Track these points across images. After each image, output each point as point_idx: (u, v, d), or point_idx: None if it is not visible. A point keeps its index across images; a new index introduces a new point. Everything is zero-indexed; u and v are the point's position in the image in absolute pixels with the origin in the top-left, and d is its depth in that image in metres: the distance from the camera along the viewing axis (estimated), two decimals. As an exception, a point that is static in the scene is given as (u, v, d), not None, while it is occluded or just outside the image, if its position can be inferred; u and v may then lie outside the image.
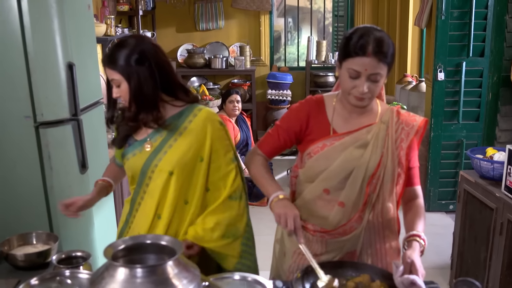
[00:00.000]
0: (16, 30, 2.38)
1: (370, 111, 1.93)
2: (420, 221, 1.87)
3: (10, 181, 2.51)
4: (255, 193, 5.20)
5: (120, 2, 5.78)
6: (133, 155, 2.01)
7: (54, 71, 2.48)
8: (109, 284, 1.52)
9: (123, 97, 1.94)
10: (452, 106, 4.60)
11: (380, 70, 1.76)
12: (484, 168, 3.06)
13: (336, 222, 1.91)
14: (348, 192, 1.88)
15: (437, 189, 4.79)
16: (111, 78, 1.92)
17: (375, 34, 1.75)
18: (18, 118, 2.45)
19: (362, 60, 1.74)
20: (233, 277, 1.82)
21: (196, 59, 6.66)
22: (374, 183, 1.88)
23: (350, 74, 1.78)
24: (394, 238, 2.00)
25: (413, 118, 1.91)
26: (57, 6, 2.48)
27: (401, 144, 1.87)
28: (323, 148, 1.90)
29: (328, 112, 1.95)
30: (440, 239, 4.18)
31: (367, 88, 1.77)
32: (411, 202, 1.95)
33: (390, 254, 1.98)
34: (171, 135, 1.98)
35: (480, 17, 4.42)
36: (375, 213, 1.92)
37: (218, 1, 6.89)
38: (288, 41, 7.91)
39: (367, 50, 1.73)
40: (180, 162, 1.96)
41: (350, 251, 1.96)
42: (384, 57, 1.74)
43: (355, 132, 1.89)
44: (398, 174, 1.89)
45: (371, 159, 1.86)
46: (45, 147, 2.50)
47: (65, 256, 2.01)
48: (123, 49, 1.89)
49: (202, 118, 1.99)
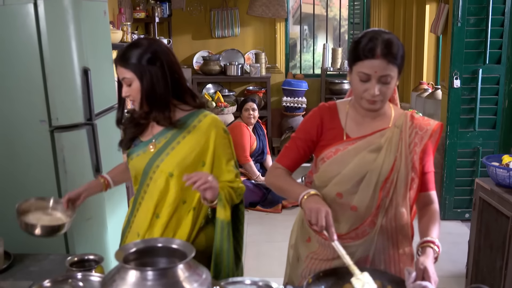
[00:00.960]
0: (33, 35, 2.42)
1: (384, 115, 1.92)
2: (434, 227, 1.85)
3: (25, 184, 2.53)
4: (269, 199, 5.19)
5: (136, 9, 5.84)
6: (137, 155, 2.04)
7: (69, 76, 2.52)
8: (120, 286, 1.53)
9: (132, 96, 1.96)
10: (468, 113, 4.56)
11: (390, 72, 1.75)
12: (500, 175, 3.03)
13: (349, 226, 1.90)
14: (361, 196, 1.87)
15: (452, 197, 4.73)
16: (123, 76, 1.94)
17: (383, 37, 1.76)
18: (33, 122, 2.48)
19: (372, 63, 1.74)
20: (244, 281, 1.82)
21: (212, 66, 6.69)
22: (387, 188, 1.86)
23: (361, 77, 1.78)
24: (408, 244, 1.97)
25: (427, 122, 1.90)
26: (73, 12, 2.52)
27: (415, 148, 1.86)
28: (336, 152, 1.89)
29: (341, 117, 1.95)
30: (455, 247, 4.13)
31: (378, 91, 1.77)
32: (426, 207, 1.93)
33: (404, 260, 1.96)
34: (175, 137, 2.00)
35: (496, 24, 4.38)
36: (388, 218, 1.90)
37: (234, 9, 6.92)
38: (304, 48, 7.90)
39: (376, 53, 1.73)
40: (181, 164, 1.98)
41: (363, 256, 1.94)
42: (393, 59, 1.74)
43: (369, 136, 1.88)
44: (412, 178, 1.87)
45: (385, 163, 1.85)
46: (60, 151, 2.52)
47: (77, 259, 2.02)
48: (136, 49, 1.92)
49: (207, 124, 2.01)
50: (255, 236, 4.55)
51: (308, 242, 2.03)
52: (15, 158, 2.49)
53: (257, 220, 4.94)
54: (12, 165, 2.51)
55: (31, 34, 2.41)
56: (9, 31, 2.43)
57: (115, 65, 1.96)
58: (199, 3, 6.90)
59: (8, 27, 2.42)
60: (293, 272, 2.12)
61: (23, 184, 2.54)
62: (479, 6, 4.36)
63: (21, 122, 2.47)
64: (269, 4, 6.78)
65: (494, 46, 4.42)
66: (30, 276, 2.03)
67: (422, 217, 1.92)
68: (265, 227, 4.77)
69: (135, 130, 2.07)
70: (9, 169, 2.52)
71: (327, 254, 1.96)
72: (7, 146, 2.51)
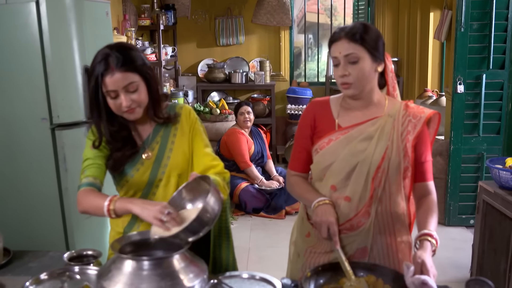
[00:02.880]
0: (35, 33, 2.44)
1: (377, 105, 1.93)
2: (432, 219, 1.84)
3: (26, 182, 2.54)
4: (273, 206, 5.18)
5: (141, 17, 5.87)
6: (137, 171, 1.95)
7: (70, 74, 2.53)
8: (116, 276, 1.53)
9: (138, 103, 1.84)
10: (472, 119, 4.54)
11: (354, 50, 1.80)
12: (503, 178, 3.01)
13: (343, 217, 1.90)
14: (354, 186, 1.87)
15: (457, 203, 4.70)
16: (128, 82, 1.79)
17: (354, 24, 1.84)
18: (34, 120, 2.49)
19: (336, 46, 1.83)
20: (241, 275, 1.81)
21: (216, 74, 6.70)
22: (379, 177, 1.86)
23: (333, 63, 1.86)
24: (405, 232, 1.96)
25: (421, 110, 1.90)
26: (75, 11, 2.54)
27: (407, 136, 1.86)
28: (329, 143, 1.91)
29: (333, 109, 1.98)
30: (460, 253, 4.10)
31: (346, 71, 1.81)
32: (423, 198, 1.92)
33: (402, 250, 1.95)
34: (166, 138, 1.97)
35: (500, 29, 4.38)
36: (383, 208, 1.90)
37: (239, 17, 6.95)
38: (309, 57, 7.91)
39: (339, 36, 1.82)
40: (185, 162, 1.97)
41: (360, 247, 1.93)
42: (355, 37, 1.79)
43: (361, 125, 1.90)
44: (405, 167, 1.87)
45: (376, 152, 1.86)
46: (61, 149, 2.53)
47: (76, 254, 2.02)
48: (132, 51, 1.83)
49: (186, 114, 2.01)
50: (258, 241, 4.54)
51: (308, 237, 2.03)
52: (16, 155, 2.50)
53: (260, 226, 4.92)
54: (13, 163, 2.52)
55: (33, 32, 2.43)
56: (11, 29, 2.45)
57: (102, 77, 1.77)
58: (204, 11, 6.94)
59: (10, 26, 2.45)
60: (294, 268, 2.12)
61: (24, 182, 2.55)
62: (482, 12, 4.36)
63: (23, 119, 2.48)
64: (273, 12, 6.80)
65: (497, 51, 4.41)
66: (29, 271, 2.03)
67: (419, 209, 1.92)
68: (268, 232, 4.75)
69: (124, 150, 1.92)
70: (10, 166, 2.53)
71: (325, 247, 1.95)
72: (8, 144, 2.52)
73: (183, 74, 6.98)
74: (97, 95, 1.82)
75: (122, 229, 2.02)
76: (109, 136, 1.90)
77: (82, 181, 1.87)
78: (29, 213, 2.55)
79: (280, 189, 5.22)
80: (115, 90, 1.79)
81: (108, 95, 1.81)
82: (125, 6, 5.42)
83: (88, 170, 1.89)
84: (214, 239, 2.03)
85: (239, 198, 5.18)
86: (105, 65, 1.78)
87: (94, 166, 1.89)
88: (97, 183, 1.87)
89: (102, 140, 1.90)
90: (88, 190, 1.84)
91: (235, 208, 5.25)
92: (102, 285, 1.52)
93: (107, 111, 1.86)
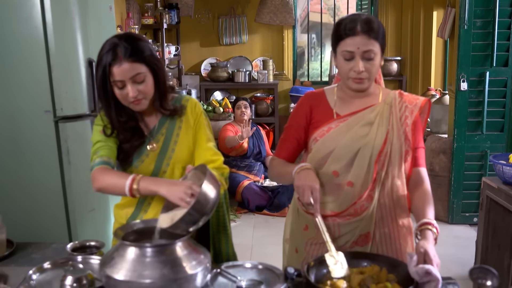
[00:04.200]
0: (39, 26, 2.44)
1: (372, 94, 1.96)
2: (429, 207, 1.85)
3: (29, 174, 2.54)
4: (275, 204, 5.17)
5: (145, 16, 5.88)
6: (142, 162, 1.95)
7: (74, 67, 2.54)
8: (119, 263, 1.53)
9: (144, 94, 1.84)
10: (476, 116, 4.53)
11: (372, 47, 1.81)
12: (507, 173, 3.00)
13: (347, 203, 1.90)
14: (356, 171, 1.88)
15: (460, 201, 4.69)
16: (135, 73, 1.78)
17: (362, 16, 1.83)
18: (38, 112, 2.50)
19: (353, 40, 1.80)
20: (244, 264, 1.80)
21: (220, 73, 6.71)
22: (382, 160, 1.89)
23: (345, 56, 1.83)
24: (405, 216, 1.97)
25: (415, 97, 1.97)
26: (79, 5, 2.55)
27: (406, 121, 1.91)
28: (328, 131, 1.92)
29: (330, 99, 1.99)
30: (463, 251, 4.09)
31: (363, 67, 1.81)
32: (417, 187, 1.93)
33: (403, 234, 1.96)
34: (172, 130, 1.97)
35: (503, 27, 4.37)
36: (385, 191, 1.91)
37: (242, 16, 6.96)
38: (312, 57, 7.91)
39: (357, 29, 1.80)
40: (190, 152, 1.98)
41: (363, 233, 1.93)
42: (374, 33, 1.80)
43: (359, 112, 1.92)
44: (406, 151, 1.91)
45: (377, 137, 1.88)
46: (64, 141, 2.54)
47: (79, 245, 2.02)
48: (140, 41, 1.83)
49: (192, 107, 2.01)
50: (261, 239, 4.53)
51: (306, 230, 2.02)
52: (20, 148, 2.51)
53: (263, 224, 4.92)
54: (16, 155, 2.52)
55: (37, 25, 2.44)
56: (15, 22, 2.46)
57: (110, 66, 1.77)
58: (207, 10, 6.96)
59: (14, 19, 2.45)
60: (292, 263, 2.10)
61: (27, 174, 2.55)
62: (485, 9, 4.35)
63: (26, 112, 2.49)
64: (276, 11, 6.82)
65: (501, 48, 4.40)
66: (32, 262, 2.03)
67: (414, 196, 1.92)
68: (271, 230, 4.74)
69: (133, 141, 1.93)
70: (14, 159, 2.54)
71: None
72: (12, 136, 2.52)
73: (186, 73, 6.99)
74: (105, 85, 1.82)
75: (125, 220, 2.01)
76: (118, 126, 1.89)
77: (95, 160, 1.84)
78: (33, 206, 2.56)
79: (283, 186, 5.22)
80: (122, 80, 1.79)
81: (115, 85, 1.80)
82: (128, 4, 5.44)
83: (102, 150, 1.87)
84: (213, 235, 2.04)
85: (242, 196, 5.19)
86: (113, 55, 1.77)
87: (106, 148, 1.87)
88: (111, 162, 1.86)
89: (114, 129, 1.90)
90: (104, 168, 1.81)
91: (238, 206, 5.25)
92: (105, 272, 1.52)
93: (115, 102, 1.86)
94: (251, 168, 5.50)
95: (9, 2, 2.44)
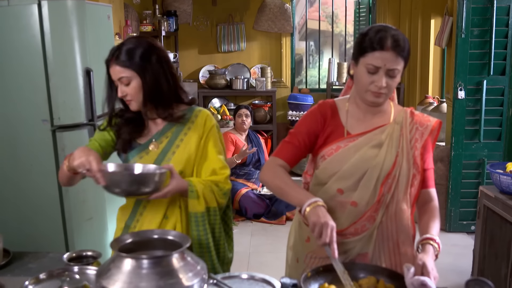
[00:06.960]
0: (36, 35, 2.45)
1: (384, 112, 1.92)
2: (434, 224, 1.83)
3: (27, 183, 2.54)
4: (273, 211, 5.17)
5: (143, 23, 5.89)
6: (140, 158, 2.00)
7: (72, 76, 2.54)
8: (115, 275, 1.52)
9: (131, 96, 1.92)
10: (473, 124, 4.54)
11: (398, 66, 1.77)
12: (504, 182, 3.01)
13: (349, 222, 1.88)
14: (362, 192, 1.86)
15: (458, 209, 4.69)
16: (120, 76, 1.89)
17: (391, 30, 1.78)
18: (35, 121, 2.50)
19: (382, 55, 1.75)
20: (240, 275, 1.80)
21: (218, 80, 6.71)
22: (389, 183, 1.85)
23: (369, 69, 1.78)
24: (409, 244, 1.93)
25: (427, 118, 1.91)
26: (77, 13, 2.55)
27: (416, 144, 1.87)
28: (337, 150, 1.89)
29: (342, 115, 1.94)
30: (461, 259, 4.09)
31: (385, 83, 1.78)
32: (425, 205, 1.91)
33: (405, 262, 1.88)
34: (177, 135, 2.00)
35: (501, 35, 4.39)
36: (389, 215, 1.88)
37: (240, 23, 6.97)
38: (310, 64, 7.93)
39: (386, 44, 1.75)
40: (189, 161, 1.99)
41: (361, 253, 1.91)
42: (402, 51, 1.76)
43: (369, 132, 1.88)
44: (413, 175, 1.87)
45: (386, 159, 1.85)
46: (61, 150, 2.54)
47: (76, 255, 2.01)
48: (131, 46, 1.89)
49: (204, 118, 2.04)
50: (259, 247, 4.53)
51: (307, 242, 2.01)
52: (17, 157, 2.50)
53: (261, 232, 4.91)
54: (14, 164, 2.52)
55: (35, 34, 2.44)
56: (13, 31, 2.46)
57: (108, 65, 1.93)
58: (206, 17, 6.96)
59: (12, 27, 2.46)
60: (293, 273, 2.10)
61: (25, 183, 2.55)
62: (483, 18, 4.37)
63: (24, 121, 2.49)
64: (275, 19, 6.83)
65: (498, 57, 4.42)
66: (29, 272, 2.03)
67: (422, 215, 1.90)
68: (269, 238, 4.74)
69: (131, 131, 2.02)
70: (11, 167, 2.53)
71: (324, 252, 1.92)
72: (10, 145, 2.52)
73: (185, 80, 6.99)
74: (110, 81, 1.97)
75: (123, 223, 2.07)
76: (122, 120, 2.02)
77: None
78: (30, 214, 2.55)
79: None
80: (114, 80, 1.93)
81: (114, 82, 1.94)
82: (127, 12, 5.44)
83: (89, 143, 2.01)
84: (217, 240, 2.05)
85: (240, 204, 5.18)
86: (110, 55, 1.92)
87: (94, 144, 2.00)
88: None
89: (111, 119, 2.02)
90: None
91: (235, 214, 5.24)
92: (102, 283, 1.51)
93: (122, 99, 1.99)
94: (249, 176, 5.49)
95: (7, 12, 2.44)
